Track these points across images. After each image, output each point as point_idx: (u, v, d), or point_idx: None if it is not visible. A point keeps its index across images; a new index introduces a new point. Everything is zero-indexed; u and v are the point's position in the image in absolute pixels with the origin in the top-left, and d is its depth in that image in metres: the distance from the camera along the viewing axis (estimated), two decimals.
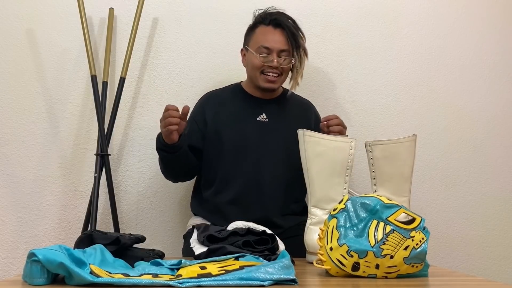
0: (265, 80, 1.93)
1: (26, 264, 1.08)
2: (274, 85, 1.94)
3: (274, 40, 1.92)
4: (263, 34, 1.94)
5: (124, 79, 2.14)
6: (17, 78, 2.22)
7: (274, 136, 1.94)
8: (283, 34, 1.93)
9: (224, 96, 2.04)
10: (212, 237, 1.44)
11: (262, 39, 1.93)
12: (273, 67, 1.90)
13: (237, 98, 2.02)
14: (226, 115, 1.97)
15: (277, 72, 1.92)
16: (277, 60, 1.90)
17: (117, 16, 2.26)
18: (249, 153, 1.91)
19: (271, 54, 1.91)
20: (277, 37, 1.92)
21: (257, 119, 1.97)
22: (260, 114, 1.97)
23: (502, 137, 2.42)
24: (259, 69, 1.92)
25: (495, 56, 2.44)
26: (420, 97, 2.39)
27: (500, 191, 2.40)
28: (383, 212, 1.25)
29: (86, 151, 2.21)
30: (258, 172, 1.90)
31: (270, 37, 1.92)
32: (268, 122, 1.96)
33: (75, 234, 1.99)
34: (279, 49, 1.91)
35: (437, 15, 2.42)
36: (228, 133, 1.94)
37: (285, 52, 1.92)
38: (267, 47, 1.91)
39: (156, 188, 2.23)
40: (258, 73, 1.93)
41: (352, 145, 1.55)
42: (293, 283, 1.11)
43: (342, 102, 2.35)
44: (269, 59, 1.90)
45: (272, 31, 1.93)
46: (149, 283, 1.06)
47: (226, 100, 2.02)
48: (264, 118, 1.97)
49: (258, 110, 1.97)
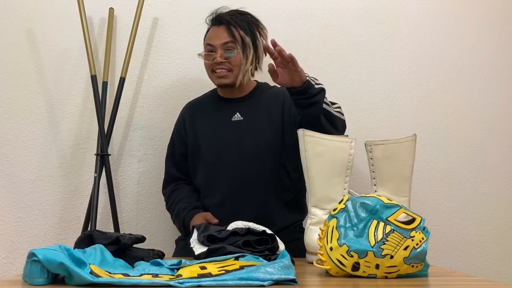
0: (217, 77, 1.95)
1: (26, 264, 1.08)
2: (225, 80, 1.94)
3: (216, 36, 1.94)
4: (208, 34, 1.99)
5: (124, 79, 2.14)
6: (17, 78, 2.22)
7: (251, 133, 1.94)
8: (225, 30, 1.94)
9: (202, 103, 2.08)
10: (212, 237, 1.44)
11: (207, 38, 1.98)
12: (218, 63, 1.92)
13: (212, 102, 2.04)
14: (202, 121, 2.01)
15: (224, 67, 1.92)
16: (220, 55, 1.91)
17: (117, 16, 2.26)
18: (229, 153, 1.91)
19: (216, 51, 1.93)
20: (220, 33, 1.94)
21: (232, 119, 1.97)
22: (234, 114, 1.97)
23: (502, 137, 2.42)
24: (209, 68, 1.96)
25: (495, 56, 2.44)
26: (420, 97, 2.39)
27: (500, 191, 2.40)
28: (383, 212, 1.25)
29: (86, 151, 2.21)
30: (240, 170, 1.89)
31: (213, 34, 1.96)
32: (243, 120, 1.96)
33: (75, 234, 1.99)
34: (220, 43, 1.92)
35: (437, 15, 2.42)
36: (205, 138, 1.97)
37: (229, 45, 1.92)
38: (210, 44, 1.94)
39: (156, 188, 2.23)
40: (210, 73, 1.97)
41: (352, 145, 1.55)
42: (293, 283, 1.11)
43: (342, 102, 2.33)
44: (212, 56, 1.93)
45: (215, 29, 1.97)
46: (149, 283, 1.06)
47: (202, 106, 2.06)
48: (239, 117, 1.97)
49: (232, 110, 1.98)
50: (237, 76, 1.94)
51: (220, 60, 1.91)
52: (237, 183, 1.89)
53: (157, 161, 2.23)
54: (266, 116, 1.94)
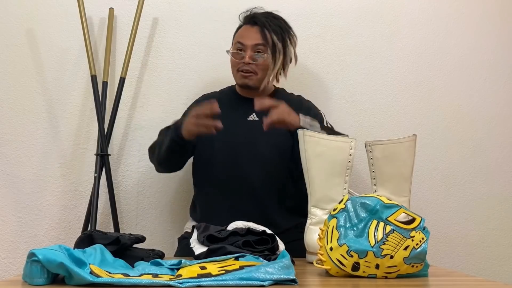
0: (240, 77, 1.96)
1: (26, 264, 1.08)
2: (248, 82, 1.95)
3: (248, 36, 1.94)
4: (240, 32, 1.99)
5: (124, 79, 2.14)
6: (17, 78, 2.22)
7: (265, 134, 1.94)
8: (259, 31, 1.95)
9: (217, 98, 2.05)
10: (212, 237, 1.44)
11: (238, 36, 1.99)
12: (246, 63, 1.92)
13: (229, 99, 2.04)
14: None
15: (249, 68, 1.93)
16: (249, 56, 1.92)
17: (117, 16, 2.26)
18: (241, 152, 1.91)
19: (245, 50, 1.93)
20: (252, 34, 1.95)
21: (248, 118, 1.97)
22: (250, 114, 1.98)
23: (502, 137, 2.42)
24: (235, 66, 1.96)
25: (494, 56, 2.44)
26: (420, 97, 2.39)
27: (500, 191, 2.40)
28: (383, 212, 1.25)
29: (86, 151, 2.21)
30: (250, 171, 1.90)
31: (245, 33, 1.96)
32: (259, 121, 1.96)
33: (75, 234, 1.99)
34: (252, 44, 1.93)
35: (437, 15, 2.42)
36: (219, 135, 1.94)
37: (259, 47, 1.93)
38: (241, 42, 1.95)
39: (156, 188, 2.23)
40: (235, 71, 1.97)
41: (352, 145, 1.55)
42: (293, 283, 1.11)
43: (342, 102, 2.35)
44: (241, 55, 1.94)
45: (248, 28, 1.97)
46: (149, 283, 1.06)
47: (219, 102, 2.02)
48: (255, 118, 1.97)
49: (248, 110, 1.97)
50: (261, 80, 1.96)
51: (249, 61, 1.92)
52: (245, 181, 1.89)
53: None
54: None
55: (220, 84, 2.15)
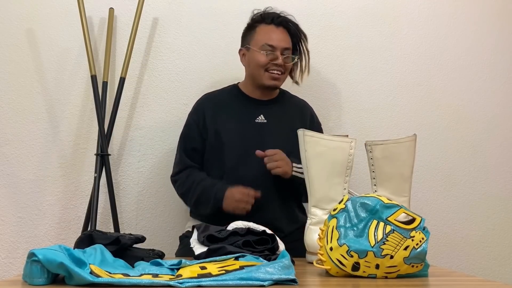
0: (270, 78, 1.94)
1: (26, 264, 1.08)
2: (278, 83, 1.96)
3: (278, 39, 1.94)
4: (267, 32, 1.95)
5: (124, 79, 2.14)
6: (17, 78, 2.22)
7: (273, 137, 1.94)
8: (285, 32, 1.96)
9: (222, 97, 2.04)
10: (212, 237, 1.44)
11: (266, 37, 1.94)
12: (278, 64, 1.93)
13: (235, 99, 2.02)
14: (225, 117, 1.97)
15: (281, 70, 1.94)
16: (281, 58, 1.93)
17: (117, 16, 2.26)
18: (249, 154, 1.90)
19: (275, 52, 1.93)
20: (281, 36, 1.95)
21: (256, 120, 1.97)
22: (258, 116, 1.97)
23: (502, 137, 2.42)
24: (264, 66, 1.93)
25: (494, 56, 2.44)
26: (420, 97, 2.39)
27: (500, 191, 2.40)
28: (383, 212, 1.25)
29: (86, 151, 2.21)
30: (258, 174, 1.89)
31: (274, 36, 1.94)
32: (267, 123, 1.96)
33: (75, 234, 2.00)
34: (283, 47, 1.94)
35: (437, 15, 2.42)
36: (228, 135, 1.93)
37: (288, 51, 1.95)
38: (272, 45, 1.93)
39: (156, 188, 2.23)
40: (262, 71, 1.94)
41: (352, 145, 1.55)
42: (293, 283, 1.11)
43: (342, 102, 2.35)
44: (274, 56, 1.92)
45: (275, 29, 1.96)
46: (149, 283, 1.06)
47: (224, 101, 2.02)
48: (263, 119, 1.97)
49: (256, 111, 1.98)
50: (284, 81, 2.00)
51: (282, 63, 1.93)
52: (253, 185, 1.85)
53: (157, 161, 2.24)
54: (288, 124, 1.94)
55: (220, 84, 2.15)
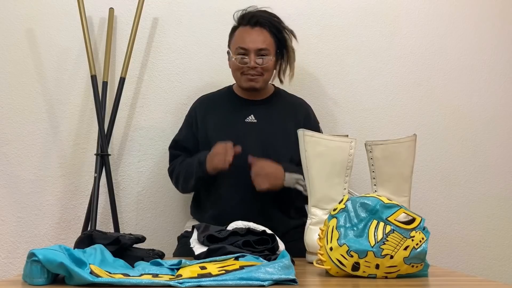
0: (246, 80, 1.93)
1: (26, 264, 1.08)
2: (255, 84, 1.93)
3: (251, 40, 1.91)
4: (241, 35, 1.94)
5: (124, 79, 2.14)
6: (17, 78, 2.22)
7: (262, 137, 1.93)
8: (261, 33, 1.92)
9: (215, 99, 2.05)
10: (212, 237, 1.44)
11: (239, 40, 1.93)
12: (251, 67, 1.90)
13: (227, 100, 2.03)
14: (216, 118, 1.98)
15: (257, 71, 1.92)
16: (254, 60, 1.90)
17: (117, 16, 2.26)
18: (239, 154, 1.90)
19: (248, 54, 1.90)
20: (254, 37, 1.92)
21: (246, 120, 1.97)
22: (248, 116, 1.97)
23: (502, 137, 2.42)
24: (239, 70, 1.93)
25: (494, 56, 2.44)
26: (420, 97, 2.39)
27: (500, 191, 2.40)
28: (383, 212, 1.25)
29: (86, 151, 2.21)
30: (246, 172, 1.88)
31: (247, 37, 1.92)
32: (256, 123, 1.96)
33: (75, 234, 1.99)
34: (256, 48, 1.91)
35: (437, 15, 2.42)
36: (217, 136, 1.93)
37: (265, 51, 1.92)
38: (244, 48, 1.91)
39: (156, 188, 2.23)
40: (239, 74, 1.94)
41: (352, 145, 1.55)
42: (293, 283, 1.11)
43: (342, 102, 2.35)
44: (245, 61, 1.91)
45: (249, 31, 1.93)
46: (149, 283, 1.06)
47: (216, 103, 2.03)
48: (253, 119, 1.97)
49: (246, 111, 1.97)
50: (267, 81, 1.97)
51: (254, 65, 1.90)
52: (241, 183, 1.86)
53: (157, 161, 2.24)
54: (280, 124, 1.94)
55: (220, 84, 2.15)
